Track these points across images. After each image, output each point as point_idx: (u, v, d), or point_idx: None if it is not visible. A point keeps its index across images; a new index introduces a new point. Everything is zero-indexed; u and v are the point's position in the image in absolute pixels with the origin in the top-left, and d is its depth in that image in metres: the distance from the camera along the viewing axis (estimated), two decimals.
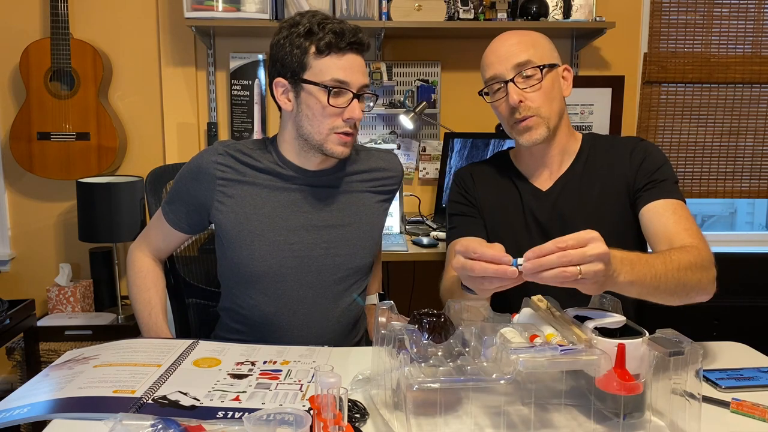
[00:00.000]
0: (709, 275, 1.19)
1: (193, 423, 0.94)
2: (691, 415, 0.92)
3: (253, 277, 1.40)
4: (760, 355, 1.27)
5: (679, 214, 1.29)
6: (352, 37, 1.31)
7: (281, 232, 1.40)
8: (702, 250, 1.20)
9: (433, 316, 1.01)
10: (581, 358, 0.91)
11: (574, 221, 1.38)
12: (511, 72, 1.34)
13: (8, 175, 2.86)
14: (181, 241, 1.53)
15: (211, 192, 1.40)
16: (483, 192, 1.49)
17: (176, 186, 1.46)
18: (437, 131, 2.92)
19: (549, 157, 1.42)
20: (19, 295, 2.61)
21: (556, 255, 0.94)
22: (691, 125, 3.00)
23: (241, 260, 1.40)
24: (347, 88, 1.31)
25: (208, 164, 1.40)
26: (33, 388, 1.07)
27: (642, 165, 1.37)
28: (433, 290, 1.51)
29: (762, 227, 3.56)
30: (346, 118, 1.33)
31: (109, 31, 2.80)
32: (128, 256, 1.55)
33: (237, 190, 1.40)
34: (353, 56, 1.32)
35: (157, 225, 1.51)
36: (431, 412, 0.97)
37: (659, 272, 1.10)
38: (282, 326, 1.41)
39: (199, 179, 1.41)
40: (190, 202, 1.44)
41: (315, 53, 1.31)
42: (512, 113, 1.35)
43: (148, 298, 1.47)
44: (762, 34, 2.95)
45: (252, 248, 1.39)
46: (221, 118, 2.87)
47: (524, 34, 1.39)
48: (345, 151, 1.36)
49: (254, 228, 1.39)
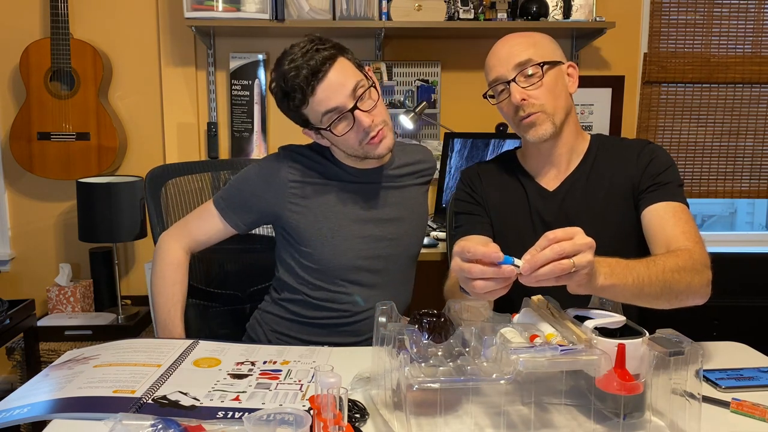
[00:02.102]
0: (701, 278, 1.18)
1: (193, 423, 0.94)
2: (691, 415, 0.92)
3: (335, 270, 1.48)
4: (760, 355, 1.27)
5: (679, 217, 1.29)
6: (313, 74, 1.33)
7: (355, 226, 1.48)
8: (695, 253, 1.20)
9: (434, 316, 1.01)
10: (581, 358, 0.91)
11: (580, 222, 1.37)
12: (512, 72, 1.34)
13: (8, 175, 2.86)
14: (226, 237, 1.54)
15: (283, 196, 1.46)
16: (490, 191, 1.49)
17: (240, 186, 1.50)
18: (437, 131, 2.92)
19: (556, 156, 1.42)
20: (19, 295, 2.62)
21: (549, 248, 0.94)
22: (691, 125, 3.00)
23: (323, 255, 1.47)
24: (341, 111, 1.36)
25: (280, 169, 1.47)
26: (33, 388, 1.08)
27: (648, 167, 1.36)
28: (433, 290, 1.51)
29: (762, 227, 3.56)
30: (362, 131, 1.37)
31: (109, 31, 2.80)
32: (160, 244, 1.53)
33: (308, 191, 1.47)
34: (323, 84, 1.34)
35: (204, 218, 1.51)
36: (431, 412, 0.97)
37: (641, 275, 1.09)
38: (355, 313, 1.49)
39: (270, 183, 1.47)
40: (254, 203, 1.48)
41: (301, 107, 1.38)
42: (516, 112, 1.36)
43: (173, 293, 1.48)
44: (762, 34, 2.95)
45: (334, 243, 1.47)
46: (221, 118, 2.87)
47: (525, 35, 1.40)
48: (386, 148, 1.42)
49: (332, 225, 1.47)
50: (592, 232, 1.37)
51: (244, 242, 1.71)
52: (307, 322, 1.51)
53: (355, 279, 1.49)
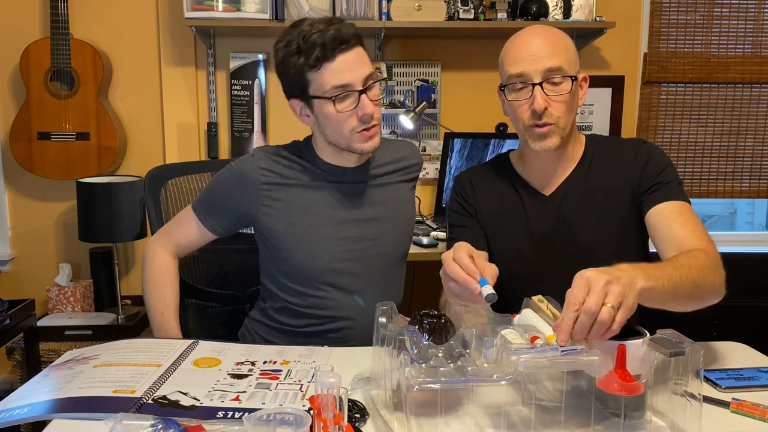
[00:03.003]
0: (720, 276, 1.17)
1: (193, 423, 0.94)
2: (692, 416, 0.92)
3: (311, 273, 1.44)
4: (760, 355, 1.27)
5: (686, 216, 1.28)
6: (339, 41, 1.31)
7: (331, 228, 1.44)
8: (710, 253, 1.19)
9: (434, 317, 1.00)
10: (582, 358, 0.91)
11: (578, 226, 1.37)
12: (540, 75, 1.28)
13: (8, 175, 2.86)
14: (207, 241, 1.53)
15: (257, 198, 1.43)
16: (483, 199, 1.46)
17: (215, 189, 1.48)
18: (437, 131, 2.92)
19: (554, 163, 1.40)
20: (19, 295, 2.61)
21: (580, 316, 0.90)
22: (691, 125, 3.00)
23: (298, 259, 1.43)
24: (350, 89, 1.33)
25: (252, 171, 1.43)
26: (33, 388, 1.07)
27: (646, 167, 1.35)
28: (433, 290, 1.51)
29: (762, 227, 3.56)
30: (361, 116, 1.35)
31: (109, 31, 2.80)
32: (147, 249, 1.53)
33: (282, 193, 1.44)
34: (346, 56, 1.32)
35: (185, 223, 1.50)
36: (431, 412, 0.97)
37: (673, 276, 1.06)
38: (340, 320, 1.45)
39: (243, 185, 1.44)
40: (229, 206, 1.46)
41: (310, 69, 1.33)
42: (532, 116, 1.30)
43: (163, 296, 1.47)
44: (762, 34, 2.95)
45: (308, 246, 1.43)
46: (221, 118, 2.87)
47: (555, 33, 1.33)
48: (373, 145, 1.39)
49: (307, 227, 1.43)
50: (591, 236, 1.38)
51: (244, 242, 1.71)
52: (290, 330, 1.47)
53: (335, 282, 1.45)
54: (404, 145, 1.61)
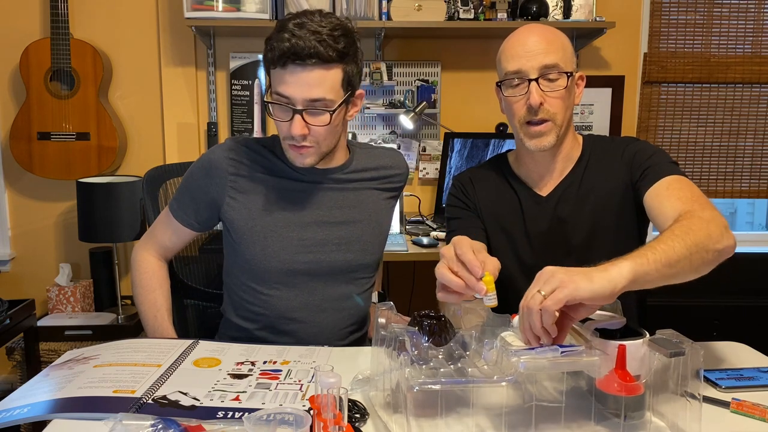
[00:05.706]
0: (716, 224, 1.11)
1: (193, 423, 0.94)
2: (692, 416, 0.92)
3: (266, 272, 1.40)
4: (760, 355, 1.27)
5: (674, 187, 1.25)
6: (293, 56, 1.24)
7: (293, 228, 1.40)
8: (696, 209, 1.14)
9: (434, 318, 1.01)
10: (582, 359, 0.91)
11: (574, 227, 1.37)
12: (536, 71, 1.29)
13: (8, 175, 2.86)
14: (189, 239, 1.52)
15: (223, 188, 1.40)
16: (482, 198, 1.46)
17: (186, 183, 1.46)
18: (437, 131, 2.92)
19: (551, 164, 1.40)
20: (19, 295, 2.61)
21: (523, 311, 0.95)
22: (691, 125, 3.00)
23: (254, 256, 1.40)
24: (288, 105, 1.28)
25: (220, 159, 1.40)
26: (33, 388, 1.07)
27: (633, 161, 1.35)
28: (433, 290, 1.50)
29: (762, 227, 3.57)
30: (284, 135, 1.32)
31: (109, 31, 2.80)
32: (133, 256, 1.53)
33: (248, 185, 1.40)
34: (297, 70, 1.25)
35: (165, 223, 1.49)
36: (431, 413, 0.97)
37: (657, 250, 1.01)
38: (293, 322, 1.42)
39: (211, 175, 1.41)
40: (201, 198, 1.43)
41: (271, 64, 1.28)
42: (528, 112, 1.31)
43: (154, 300, 1.46)
44: (762, 34, 2.95)
45: (265, 244, 1.39)
46: (221, 118, 2.87)
47: (551, 31, 1.34)
48: (302, 162, 1.34)
49: (267, 224, 1.39)
50: (588, 236, 1.38)
51: None
52: (242, 337, 1.43)
53: (290, 282, 1.41)
54: (390, 154, 1.55)
